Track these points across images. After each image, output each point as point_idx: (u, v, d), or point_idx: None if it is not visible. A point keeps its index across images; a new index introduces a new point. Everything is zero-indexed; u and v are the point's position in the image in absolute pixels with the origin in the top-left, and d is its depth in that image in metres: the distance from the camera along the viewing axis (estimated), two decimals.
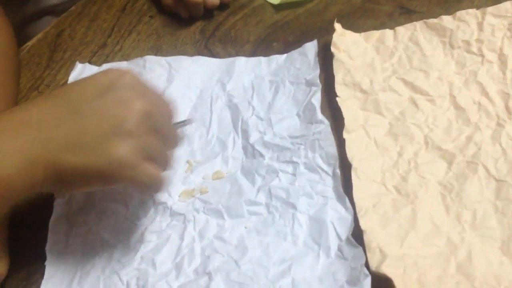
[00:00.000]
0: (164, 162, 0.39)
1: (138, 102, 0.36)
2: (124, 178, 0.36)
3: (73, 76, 0.53)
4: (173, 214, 0.43)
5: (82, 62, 0.55)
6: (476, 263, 0.38)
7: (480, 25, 0.52)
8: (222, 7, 0.59)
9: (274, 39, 0.56)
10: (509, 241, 0.39)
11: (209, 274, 0.39)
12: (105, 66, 0.54)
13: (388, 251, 0.38)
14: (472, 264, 0.38)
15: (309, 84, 0.49)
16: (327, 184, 0.43)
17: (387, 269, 0.37)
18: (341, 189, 0.42)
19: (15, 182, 0.34)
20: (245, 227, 0.41)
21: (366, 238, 0.39)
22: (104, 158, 0.35)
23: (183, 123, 0.46)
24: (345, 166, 0.44)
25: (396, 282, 0.36)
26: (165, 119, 0.39)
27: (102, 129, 0.35)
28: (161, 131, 0.38)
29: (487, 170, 0.43)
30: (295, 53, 0.53)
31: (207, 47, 0.56)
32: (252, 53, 0.55)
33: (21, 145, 0.34)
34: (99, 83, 0.37)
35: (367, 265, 0.37)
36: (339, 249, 0.39)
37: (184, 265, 0.40)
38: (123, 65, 0.53)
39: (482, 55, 0.51)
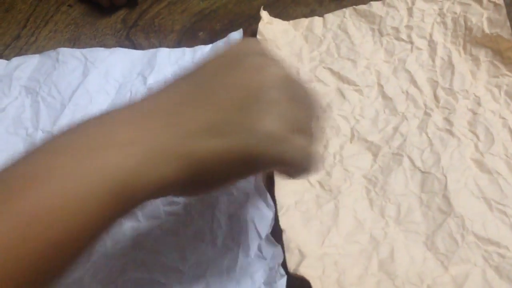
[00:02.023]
0: (311, 134, 0.32)
1: (273, 67, 0.31)
2: (275, 156, 0.29)
3: None
4: None
5: None
6: (399, 260, 0.36)
7: (410, 11, 0.51)
8: None
9: (200, 28, 0.53)
10: (434, 236, 0.38)
11: (116, 284, 0.36)
12: (15, 61, 0.50)
13: (308, 251, 0.36)
14: (394, 261, 0.36)
15: None
16: (249, 180, 0.41)
17: (305, 271, 0.35)
18: (262, 185, 0.40)
19: (138, 176, 0.26)
20: (161, 229, 0.39)
21: (285, 238, 0.37)
22: (249, 135, 0.28)
23: None
24: None
25: (313, 284, 0.34)
26: (301, 85, 0.33)
27: (240, 103, 0.29)
28: (300, 99, 0.31)
29: (412, 162, 0.41)
30: (220, 43, 0.50)
31: (129, 38, 0.53)
32: (177, 43, 0.52)
33: (142, 135, 0.27)
34: (226, 58, 0.31)
35: (285, 264, 0.36)
36: (259, 248, 0.37)
37: (88, 277, 0.37)
38: (34, 58, 0.49)
39: (412, 42, 0.49)
